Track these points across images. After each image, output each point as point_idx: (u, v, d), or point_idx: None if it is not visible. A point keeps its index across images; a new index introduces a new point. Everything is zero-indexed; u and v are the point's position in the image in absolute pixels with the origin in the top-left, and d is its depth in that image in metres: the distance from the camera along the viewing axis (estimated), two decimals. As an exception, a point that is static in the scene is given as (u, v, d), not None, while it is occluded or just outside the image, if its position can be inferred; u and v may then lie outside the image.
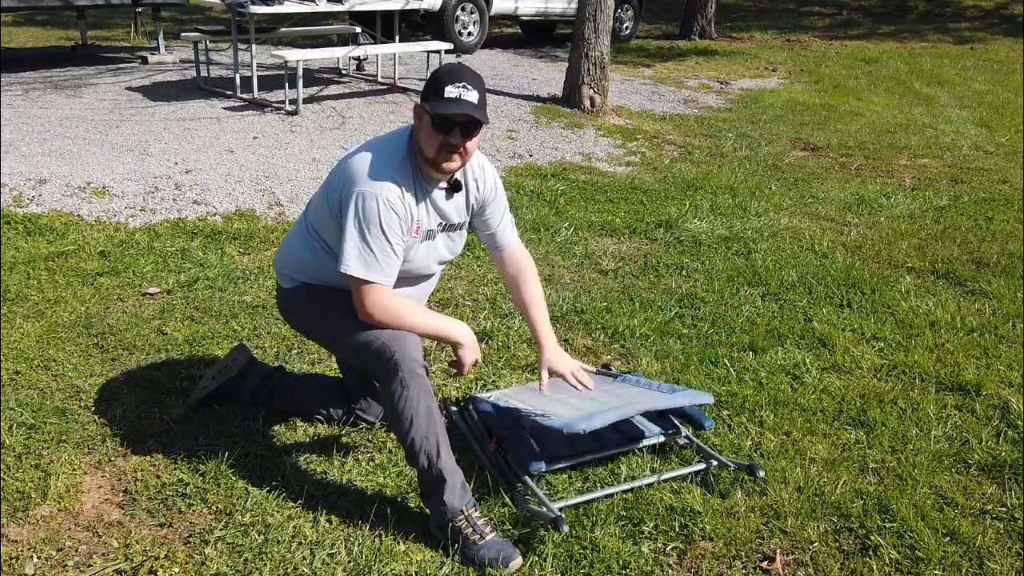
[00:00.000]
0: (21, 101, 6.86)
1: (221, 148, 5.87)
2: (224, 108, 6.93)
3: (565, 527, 2.16)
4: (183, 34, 8.08)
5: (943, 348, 3.47)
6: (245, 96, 7.24)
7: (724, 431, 2.82)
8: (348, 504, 2.39)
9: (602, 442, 2.60)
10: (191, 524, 2.29)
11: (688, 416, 2.73)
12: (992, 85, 10.13)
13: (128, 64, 8.81)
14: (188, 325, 3.41)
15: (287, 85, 7.15)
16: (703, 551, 2.27)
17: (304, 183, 5.27)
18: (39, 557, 2.16)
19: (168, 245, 4.25)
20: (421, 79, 8.28)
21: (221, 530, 2.26)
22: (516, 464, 2.46)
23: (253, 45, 7.16)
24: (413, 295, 2.43)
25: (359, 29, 8.58)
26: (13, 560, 2.14)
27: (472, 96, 2.17)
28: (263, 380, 2.78)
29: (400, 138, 2.30)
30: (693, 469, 2.55)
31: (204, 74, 7.77)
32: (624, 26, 12.27)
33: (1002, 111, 8.67)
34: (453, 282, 3.94)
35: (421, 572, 2.15)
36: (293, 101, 6.90)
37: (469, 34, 10.25)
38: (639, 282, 4.09)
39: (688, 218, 5.00)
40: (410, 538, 2.26)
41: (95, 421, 2.72)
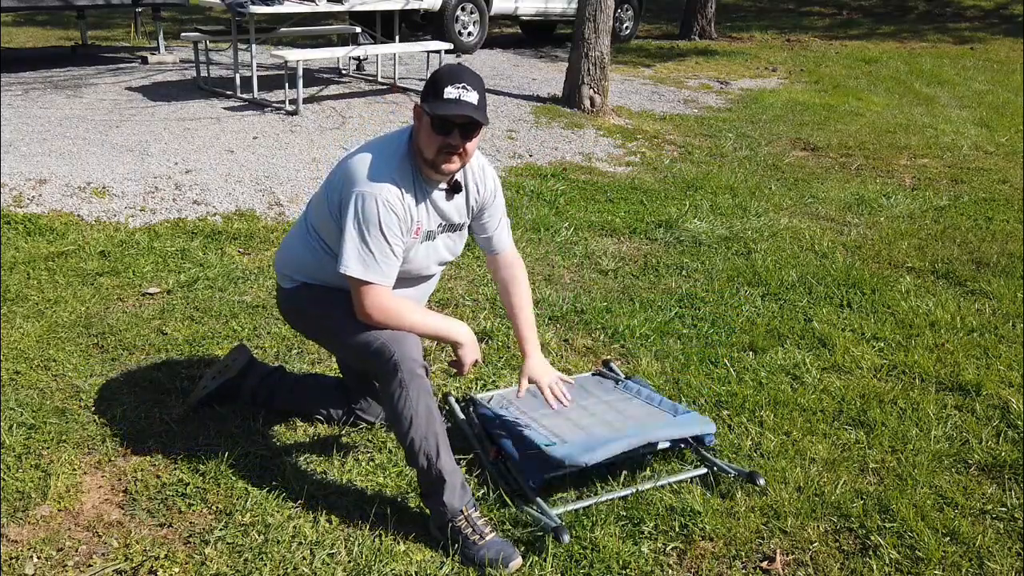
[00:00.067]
0: (21, 101, 6.86)
1: (221, 148, 5.87)
2: (224, 108, 6.93)
3: (566, 537, 2.16)
4: (183, 34, 8.09)
5: (943, 348, 3.47)
6: (245, 96, 7.24)
7: (724, 431, 2.82)
8: (348, 504, 2.39)
9: None
10: (191, 524, 2.29)
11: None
12: (992, 85, 10.13)
13: (128, 64, 8.81)
14: (188, 325, 3.41)
15: (287, 85, 7.15)
16: (703, 551, 2.27)
17: (304, 183, 5.27)
18: (39, 557, 2.16)
19: (168, 245, 4.25)
20: (421, 79, 8.28)
21: (221, 530, 2.26)
22: (516, 471, 2.46)
23: (253, 45, 7.16)
24: (413, 296, 2.43)
25: (359, 29, 8.58)
26: (13, 560, 2.14)
27: (472, 97, 2.17)
28: (263, 380, 2.78)
29: (400, 139, 2.30)
30: (693, 474, 2.55)
31: (204, 74, 7.77)
32: (624, 26, 12.27)
33: (1002, 111, 8.67)
34: (453, 282, 3.94)
35: (421, 572, 2.15)
36: (293, 101, 6.90)
37: (469, 34, 10.25)
38: (639, 282, 4.09)
39: (688, 218, 5.00)
40: (410, 538, 2.26)
41: (95, 421, 2.72)
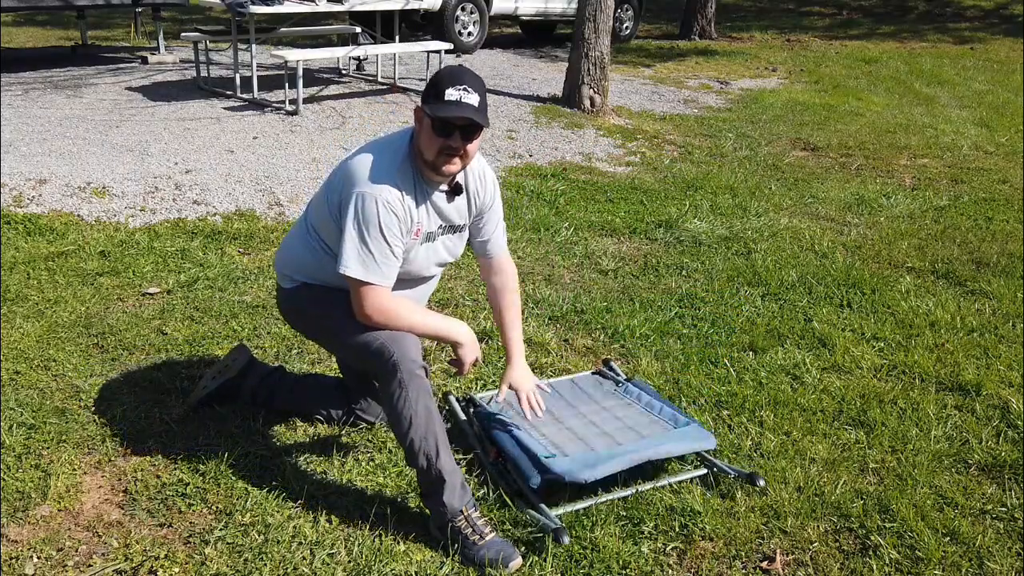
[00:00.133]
0: (21, 101, 6.86)
1: (221, 148, 5.87)
2: (224, 108, 6.93)
3: (566, 538, 2.16)
4: (183, 34, 8.08)
5: (943, 348, 3.47)
6: (245, 96, 7.24)
7: (724, 431, 2.82)
8: (348, 504, 2.39)
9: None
10: (191, 524, 2.29)
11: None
12: (992, 85, 10.13)
13: (128, 64, 8.81)
14: (188, 325, 3.41)
15: (287, 85, 7.15)
16: (703, 551, 2.27)
17: (304, 183, 5.27)
18: (39, 557, 2.16)
19: (168, 245, 4.25)
20: (421, 79, 8.28)
21: (221, 530, 2.26)
22: (516, 472, 2.46)
23: (253, 45, 7.16)
24: (412, 297, 2.43)
25: (359, 29, 8.58)
26: (13, 560, 2.14)
27: (473, 99, 2.17)
28: (263, 380, 2.78)
29: (401, 140, 2.30)
30: (693, 474, 2.54)
31: (204, 74, 7.77)
32: (624, 26, 12.27)
33: (1002, 111, 8.67)
34: (453, 282, 3.94)
35: (421, 572, 2.15)
36: (293, 101, 6.90)
37: (469, 34, 10.25)
38: (639, 282, 4.09)
39: (688, 218, 5.00)
40: (410, 538, 2.26)
41: (95, 421, 2.72)
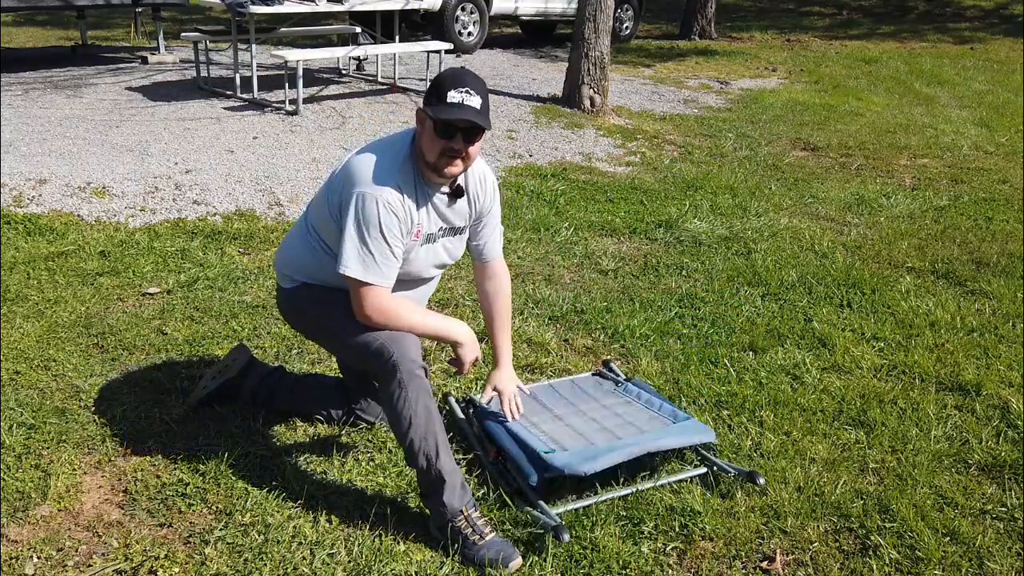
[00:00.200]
0: (21, 101, 6.86)
1: (221, 148, 5.87)
2: (224, 108, 6.93)
3: (566, 536, 2.16)
4: (183, 34, 8.08)
5: (943, 348, 3.47)
6: (245, 96, 7.24)
7: (724, 431, 2.82)
8: (348, 504, 2.39)
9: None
10: (191, 524, 2.29)
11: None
12: (992, 85, 10.13)
13: (128, 64, 8.81)
14: (188, 325, 3.41)
15: (287, 85, 7.15)
16: (703, 551, 2.27)
17: (304, 183, 5.27)
18: (39, 557, 2.16)
19: (168, 245, 4.25)
20: (421, 79, 8.28)
21: (221, 530, 2.26)
22: (516, 471, 2.46)
23: (253, 45, 7.16)
24: (412, 298, 2.43)
25: (359, 29, 8.58)
26: (13, 560, 2.14)
27: (475, 101, 2.17)
28: (263, 380, 2.78)
29: (402, 141, 2.30)
30: (693, 474, 2.54)
31: (204, 74, 7.77)
32: (624, 26, 12.27)
33: (1002, 111, 8.67)
34: (453, 282, 3.94)
35: (421, 572, 2.15)
36: (293, 101, 6.90)
37: (469, 34, 10.25)
38: (639, 282, 4.09)
39: (688, 218, 5.00)
40: (410, 538, 2.26)
41: (95, 421, 2.72)
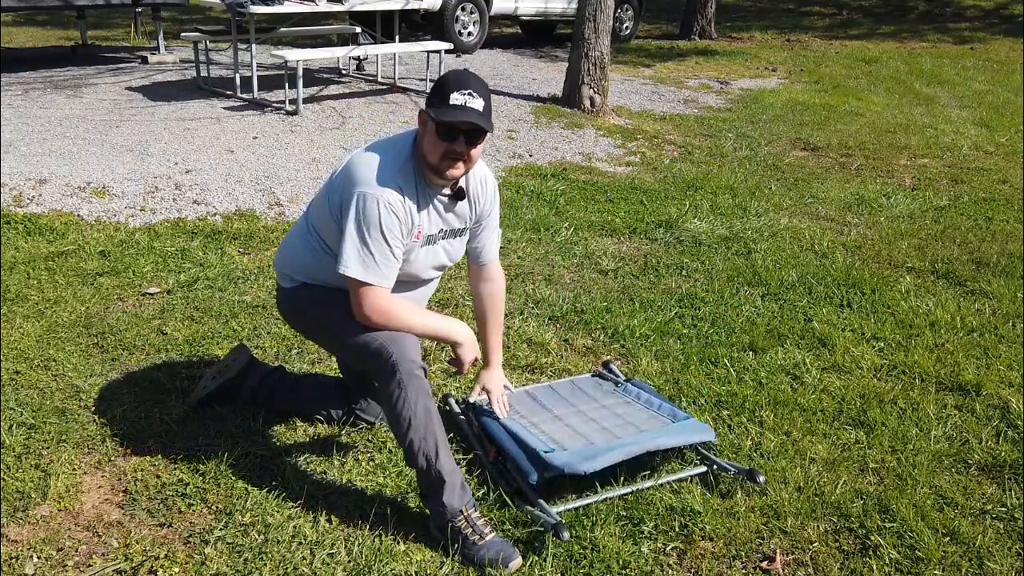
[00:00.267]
0: (21, 101, 6.86)
1: (221, 148, 5.87)
2: (224, 108, 6.93)
3: (566, 534, 2.16)
4: (183, 34, 8.09)
5: (943, 348, 3.47)
6: (245, 96, 7.24)
7: (724, 431, 2.82)
8: (348, 504, 2.39)
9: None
10: (191, 524, 2.29)
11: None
12: (992, 85, 10.13)
13: (128, 64, 8.81)
14: (188, 325, 3.41)
15: (287, 85, 7.15)
16: (703, 551, 2.27)
17: (304, 183, 5.27)
18: (39, 557, 2.16)
19: (168, 245, 4.25)
20: (421, 79, 8.28)
21: (221, 530, 2.26)
22: (516, 471, 2.46)
23: (253, 45, 7.16)
24: (411, 299, 2.43)
25: (359, 29, 8.58)
26: (13, 560, 2.14)
27: (477, 104, 2.17)
28: (263, 380, 2.78)
29: (404, 142, 2.30)
30: (693, 473, 2.55)
31: (204, 74, 7.77)
32: (624, 26, 12.27)
33: (1002, 111, 8.67)
34: (453, 282, 3.94)
35: (421, 572, 2.15)
36: (293, 101, 6.90)
37: (469, 34, 10.25)
38: (639, 282, 4.09)
39: (688, 218, 5.00)
40: (410, 538, 2.26)
41: (95, 421, 2.72)
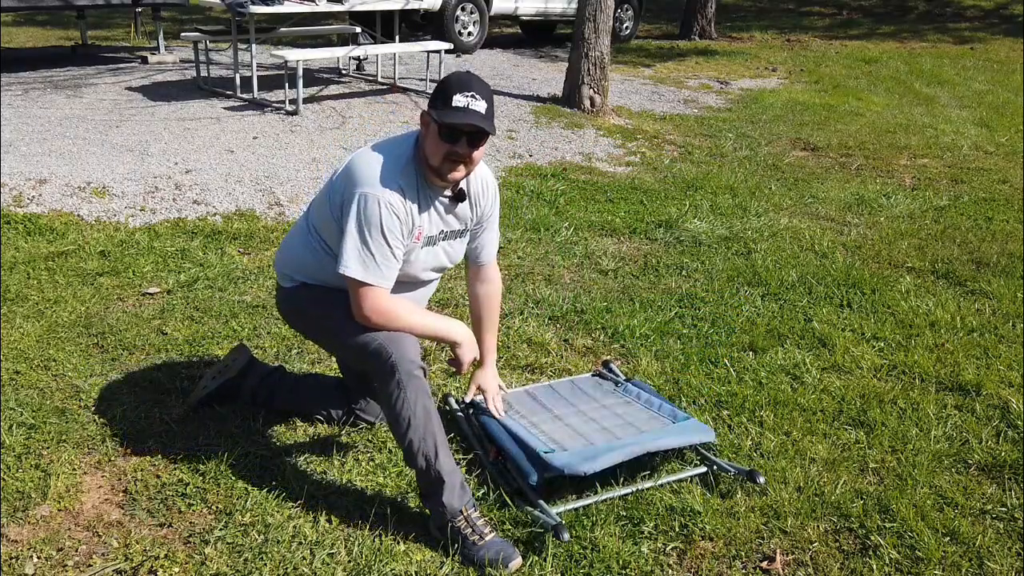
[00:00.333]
0: (21, 101, 6.86)
1: (221, 148, 5.87)
2: (224, 108, 6.93)
3: (566, 535, 2.16)
4: (183, 34, 8.09)
5: (943, 348, 3.47)
6: (245, 96, 7.24)
7: (724, 431, 2.82)
8: (348, 504, 2.39)
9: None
10: (191, 524, 2.29)
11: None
12: (992, 85, 10.13)
13: (128, 64, 8.81)
14: (188, 325, 3.41)
15: (287, 85, 7.15)
16: (703, 551, 2.27)
17: (304, 183, 5.27)
18: (39, 557, 2.16)
19: (168, 245, 4.25)
20: (421, 79, 8.28)
21: (221, 530, 2.26)
22: (516, 471, 2.46)
23: (253, 45, 7.16)
24: (411, 299, 2.43)
25: (359, 29, 8.58)
26: (13, 560, 2.14)
27: (480, 106, 2.17)
28: (263, 380, 2.78)
29: (405, 142, 2.30)
30: (693, 473, 2.55)
31: (204, 74, 7.77)
32: (624, 26, 12.27)
33: (1002, 111, 8.67)
34: (453, 282, 3.94)
35: (421, 572, 2.15)
36: (293, 101, 6.90)
37: (469, 34, 10.25)
38: (639, 282, 4.09)
39: (688, 218, 5.00)
40: (410, 538, 2.26)
41: (95, 421, 2.72)
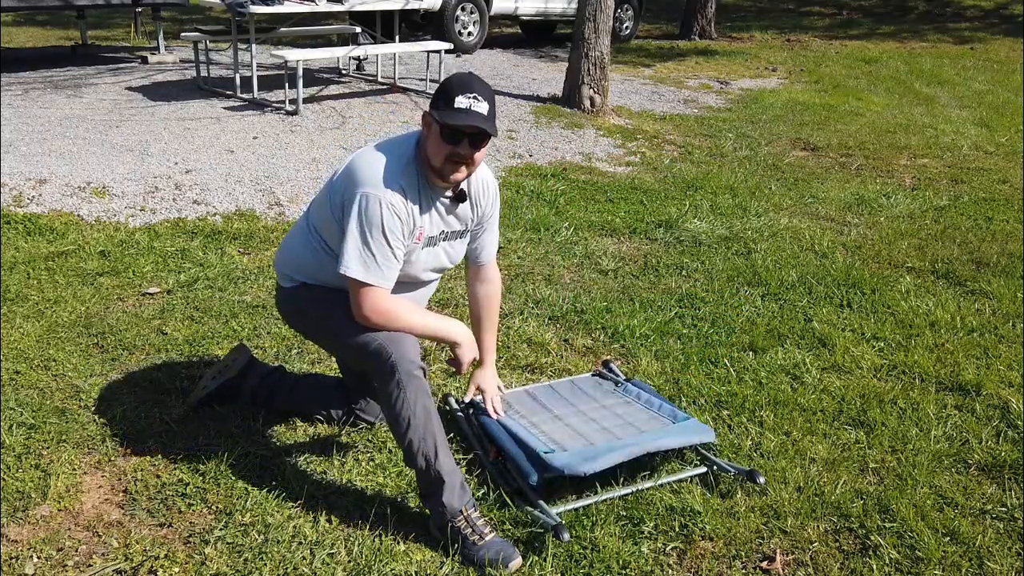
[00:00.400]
0: (21, 101, 6.86)
1: (221, 148, 5.87)
2: (224, 108, 6.93)
3: (566, 535, 2.16)
4: (183, 34, 8.09)
5: (943, 348, 3.47)
6: (245, 96, 7.24)
7: (724, 431, 2.82)
8: (348, 504, 2.39)
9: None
10: (191, 524, 2.29)
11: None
12: (992, 85, 10.13)
13: (128, 64, 8.81)
14: (188, 325, 3.41)
15: (287, 85, 7.15)
16: (703, 551, 2.27)
17: (304, 183, 5.27)
18: (39, 557, 2.16)
19: (168, 245, 4.25)
20: (421, 79, 8.28)
21: (221, 530, 2.26)
22: (516, 471, 2.46)
23: (253, 45, 7.16)
24: (411, 300, 2.43)
25: (359, 29, 8.58)
26: (13, 560, 2.14)
27: (482, 107, 2.17)
28: (263, 380, 2.78)
29: (407, 143, 2.30)
30: (693, 473, 2.55)
31: (204, 74, 7.77)
32: (624, 26, 12.27)
33: (1002, 111, 8.67)
34: (453, 282, 3.94)
35: (421, 572, 2.15)
36: (293, 101, 6.90)
37: (469, 34, 10.25)
38: (639, 282, 4.09)
39: (688, 218, 5.00)
40: (410, 538, 2.26)
41: (95, 421, 2.72)
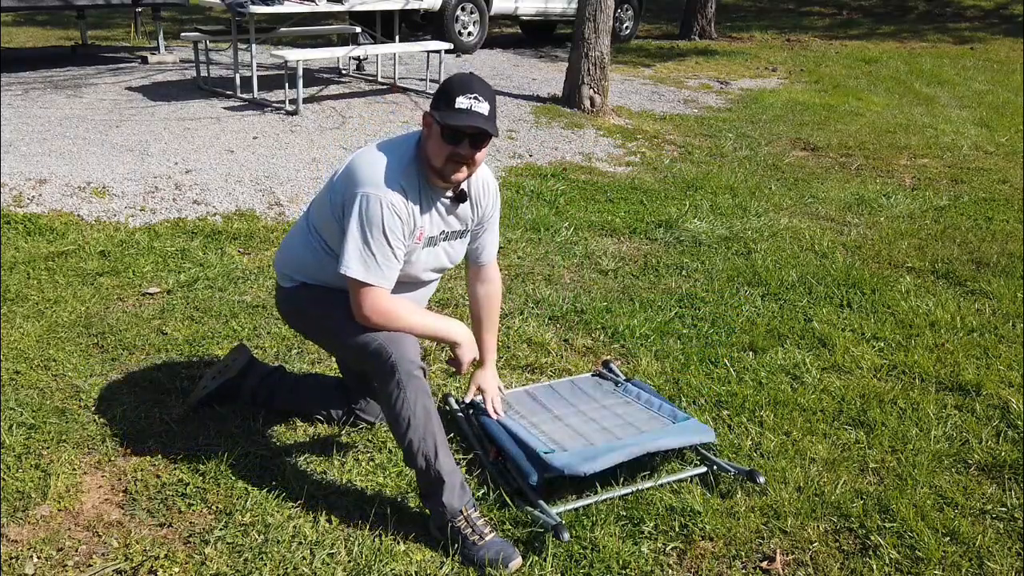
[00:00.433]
0: (21, 101, 6.86)
1: (221, 148, 5.87)
2: (224, 108, 6.93)
3: (566, 535, 2.16)
4: (183, 34, 8.09)
5: (943, 348, 3.47)
6: (245, 96, 7.24)
7: (724, 431, 2.82)
8: (348, 504, 2.39)
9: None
10: (191, 524, 2.29)
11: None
12: (992, 85, 10.13)
13: (128, 64, 8.81)
14: (188, 325, 3.41)
15: (287, 85, 7.15)
16: (703, 551, 2.27)
17: (304, 183, 5.27)
18: (39, 557, 2.16)
19: (168, 245, 4.25)
20: (421, 79, 8.28)
21: (221, 530, 2.26)
22: (516, 471, 2.46)
23: (253, 45, 7.16)
24: (411, 300, 2.43)
25: (359, 29, 8.58)
26: (13, 560, 2.14)
27: (483, 108, 2.17)
28: (263, 380, 2.78)
29: (408, 143, 2.30)
30: (693, 473, 2.55)
31: (204, 74, 7.77)
32: (624, 26, 12.27)
33: (1002, 111, 8.67)
34: (453, 282, 3.94)
35: (421, 572, 2.16)
36: (293, 101, 6.90)
37: (469, 34, 10.25)
38: (639, 282, 4.09)
39: (688, 218, 5.00)
40: (410, 538, 2.26)
41: (95, 421, 2.72)
